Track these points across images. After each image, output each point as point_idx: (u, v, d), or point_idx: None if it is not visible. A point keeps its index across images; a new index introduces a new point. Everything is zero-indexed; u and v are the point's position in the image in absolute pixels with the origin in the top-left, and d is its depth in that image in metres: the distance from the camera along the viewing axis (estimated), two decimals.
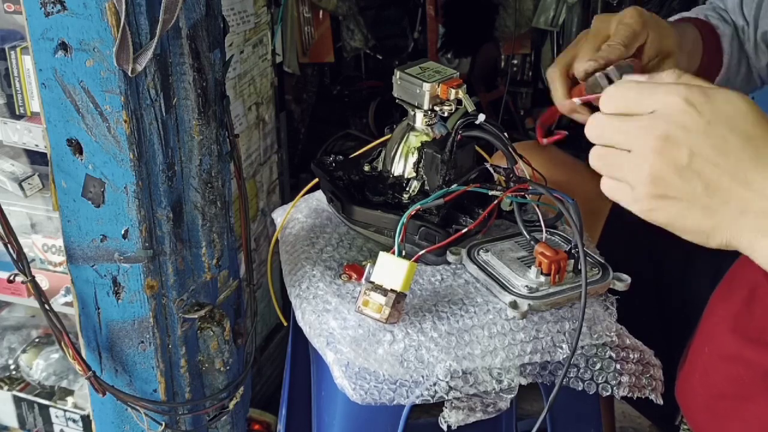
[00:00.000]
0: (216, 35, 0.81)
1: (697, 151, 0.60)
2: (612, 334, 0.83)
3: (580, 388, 0.82)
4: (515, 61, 2.79)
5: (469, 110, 0.88)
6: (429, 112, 0.91)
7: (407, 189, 0.92)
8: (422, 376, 0.77)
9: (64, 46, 0.72)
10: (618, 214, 1.14)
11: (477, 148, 0.95)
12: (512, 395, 0.80)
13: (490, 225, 0.94)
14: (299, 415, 1.16)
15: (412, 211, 0.83)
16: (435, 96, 0.89)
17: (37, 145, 1.21)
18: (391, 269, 0.78)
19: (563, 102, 0.97)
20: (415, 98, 0.90)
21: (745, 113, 0.61)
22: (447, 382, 0.77)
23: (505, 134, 0.88)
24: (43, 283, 1.31)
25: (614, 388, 0.83)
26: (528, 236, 0.86)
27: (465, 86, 0.89)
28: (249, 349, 0.99)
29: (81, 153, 0.77)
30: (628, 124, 0.64)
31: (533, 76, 2.80)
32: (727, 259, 1.03)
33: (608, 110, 0.66)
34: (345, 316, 0.82)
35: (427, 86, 0.88)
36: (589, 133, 0.67)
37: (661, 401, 0.86)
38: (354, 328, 0.80)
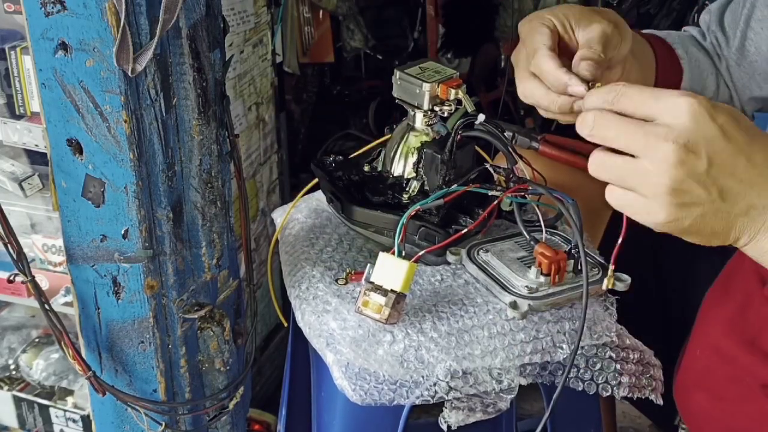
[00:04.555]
0: (216, 35, 0.81)
1: (715, 157, 0.60)
2: (612, 334, 0.83)
3: (580, 389, 0.82)
4: None
5: (469, 110, 0.88)
6: (429, 112, 0.91)
7: (407, 189, 0.91)
8: (422, 377, 0.77)
9: (64, 46, 0.72)
10: (619, 214, 1.13)
11: (477, 148, 0.95)
12: (512, 395, 0.80)
13: (490, 225, 0.94)
14: (299, 415, 1.16)
15: (412, 211, 0.83)
16: (435, 96, 0.89)
17: (37, 145, 1.21)
18: (390, 270, 0.78)
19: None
20: (415, 98, 0.90)
21: (742, 116, 0.62)
22: (447, 382, 0.77)
23: (506, 134, 0.88)
24: (43, 283, 1.31)
25: (614, 388, 0.83)
26: (528, 236, 0.86)
27: (465, 86, 0.89)
28: (249, 349, 0.99)
29: (81, 153, 0.77)
30: (639, 129, 0.62)
31: None
32: (728, 257, 1.03)
33: (617, 107, 0.64)
34: (345, 316, 0.82)
35: (426, 86, 0.88)
36: (588, 131, 0.65)
37: (661, 401, 0.86)
38: (354, 329, 0.80)
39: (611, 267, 0.79)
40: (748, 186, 0.61)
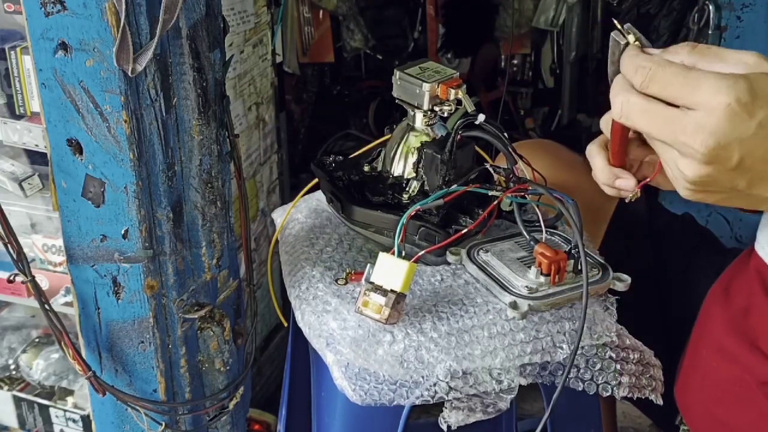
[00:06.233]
0: (216, 35, 0.81)
1: (748, 154, 0.57)
2: (612, 334, 0.83)
3: (580, 389, 0.82)
4: (515, 61, 2.79)
5: (469, 110, 0.88)
6: (429, 113, 0.91)
7: (407, 189, 0.91)
8: (422, 377, 0.77)
9: (64, 46, 0.72)
10: (620, 214, 1.13)
11: (477, 148, 0.95)
12: (512, 395, 0.80)
13: (490, 225, 0.94)
14: (299, 415, 1.16)
15: (411, 211, 0.83)
16: (435, 96, 0.89)
17: (37, 145, 1.21)
18: (390, 270, 0.78)
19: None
20: (415, 98, 0.90)
21: None
22: (447, 382, 0.77)
23: (505, 134, 0.88)
24: (43, 283, 1.31)
25: (614, 388, 0.83)
26: (528, 236, 0.86)
27: (465, 86, 0.89)
28: (249, 349, 0.99)
29: (81, 153, 0.77)
30: (668, 124, 0.59)
31: (533, 76, 2.80)
32: (728, 258, 1.03)
33: (648, 91, 0.60)
34: (345, 316, 0.82)
35: (426, 86, 0.88)
36: (617, 117, 0.62)
37: (661, 402, 0.86)
38: (354, 329, 0.80)
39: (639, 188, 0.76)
40: None
